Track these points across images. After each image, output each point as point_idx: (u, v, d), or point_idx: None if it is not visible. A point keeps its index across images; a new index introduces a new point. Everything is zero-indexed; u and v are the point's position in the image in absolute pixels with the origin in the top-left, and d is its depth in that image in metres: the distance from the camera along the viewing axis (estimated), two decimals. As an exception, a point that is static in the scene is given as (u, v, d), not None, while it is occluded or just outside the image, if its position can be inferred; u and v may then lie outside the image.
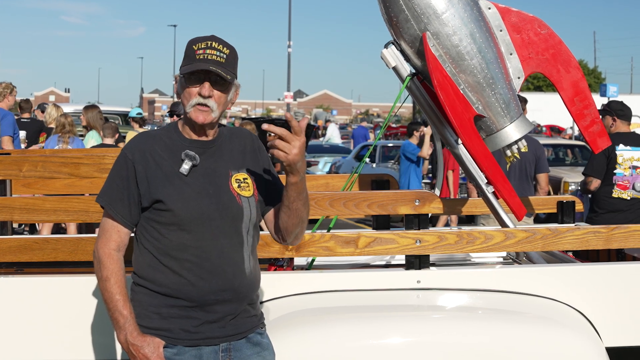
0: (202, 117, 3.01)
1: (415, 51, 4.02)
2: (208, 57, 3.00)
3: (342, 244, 3.66)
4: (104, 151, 4.59)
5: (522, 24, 4.20)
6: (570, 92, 4.23)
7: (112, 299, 2.93)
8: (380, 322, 3.52)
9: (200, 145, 3.07)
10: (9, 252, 3.69)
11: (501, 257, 4.80)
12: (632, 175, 7.15)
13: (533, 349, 3.42)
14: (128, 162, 3.01)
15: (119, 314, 2.92)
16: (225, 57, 3.04)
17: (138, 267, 3.04)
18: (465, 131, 3.90)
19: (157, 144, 3.06)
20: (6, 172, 4.02)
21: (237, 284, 3.01)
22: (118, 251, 3.01)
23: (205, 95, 2.99)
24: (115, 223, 3.01)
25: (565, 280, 3.71)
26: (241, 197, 3.06)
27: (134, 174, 3.00)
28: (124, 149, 3.07)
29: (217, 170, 3.07)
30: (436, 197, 3.87)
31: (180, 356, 2.95)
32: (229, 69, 3.04)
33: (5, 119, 9.97)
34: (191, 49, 3.04)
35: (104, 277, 2.96)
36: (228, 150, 3.14)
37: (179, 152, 3.04)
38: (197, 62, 3.00)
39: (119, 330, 2.93)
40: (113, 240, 3.01)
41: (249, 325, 3.08)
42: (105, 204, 3.02)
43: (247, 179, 3.11)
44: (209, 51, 3.02)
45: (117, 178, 3.03)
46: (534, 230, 3.75)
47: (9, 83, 10.63)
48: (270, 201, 3.18)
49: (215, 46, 3.04)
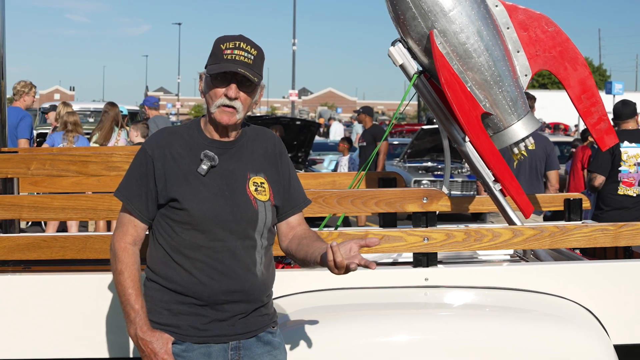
0: (226, 118, 2.99)
1: (423, 49, 4.02)
2: (236, 57, 2.97)
3: (350, 241, 3.65)
4: (112, 149, 4.59)
5: (529, 21, 4.21)
6: (577, 89, 4.23)
7: (125, 293, 2.94)
8: (388, 319, 3.52)
9: (220, 146, 3.06)
10: (17, 250, 3.70)
11: (508, 255, 4.80)
12: (637, 172, 7.15)
13: (541, 347, 3.42)
14: (147, 158, 3.02)
15: (130, 308, 2.93)
16: (252, 59, 3.01)
17: (151, 263, 3.04)
18: (473, 129, 3.90)
19: (177, 141, 3.05)
20: (14, 170, 4.02)
21: (248, 286, 3.00)
22: (134, 245, 3.02)
23: (232, 97, 2.97)
24: (132, 217, 3.02)
25: (573, 278, 3.70)
26: (257, 201, 3.04)
27: (152, 171, 3.00)
28: (144, 145, 3.08)
29: (235, 172, 3.05)
30: (444, 194, 3.87)
31: (188, 353, 2.95)
32: (256, 70, 3.01)
33: (23, 121, 9.62)
34: (219, 48, 3.01)
35: (118, 270, 2.97)
36: (249, 151, 3.12)
37: (198, 151, 3.03)
38: (224, 63, 2.97)
39: (129, 324, 2.94)
40: (129, 234, 3.02)
41: (260, 324, 3.07)
42: (123, 198, 3.03)
43: (264, 184, 3.09)
44: (237, 52, 2.99)
45: (136, 173, 3.03)
46: (541, 228, 3.75)
47: (29, 82, 10.24)
48: (285, 210, 3.18)
49: (243, 47, 3.01)
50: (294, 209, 3.19)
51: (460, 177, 15.18)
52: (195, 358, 2.96)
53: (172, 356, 2.93)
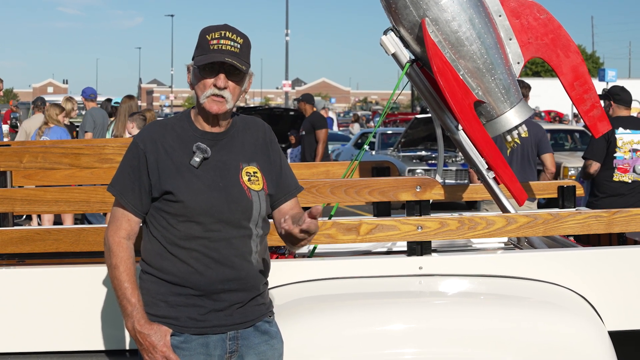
0: (216, 107, 2.99)
1: (415, 37, 4.02)
2: (222, 47, 2.97)
3: (344, 231, 3.65)
4: (104, 141, 4.59)
5: (521, 9, 4.20)
6: (570, 76, 4.23)
7: (121, 287, 2.94)
8: (383, 308, 3.52)
9: (212, 137, 3.06)
10: (11, 244, 3.69)
11: (502, 243, 4.80)
12: (632, 158, 7.16)
13: (535, 334, 3.42)
14: (139, 152, 3.01)
15: (127, 302, 2.93)
16: (239, 47, 3.00)
17: (146, 255, 3.04)
18: (466, 117, 3.89)
19: (168, 133, 3.05)
20: (7, 164, 4.01)
21: (244, 274, 3.01)
22: (128, 239, 3.01)
23: (221, 87, 2.97)
24: (126, 212, 3.02)
25: (567, 264, 3.71)
26: (251, 191, 3.04)
27: (145, 164, 2.99)
28: (136, 138, 3.07)
29: (228, 163, 3.05)
30: (437, 183, 3.86)
31: (187, 344, 2.96)
32: (243, 58, 3.01)
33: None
34: (204, 39, 3.01)
35: (113, 265, 2.96)
36: (240, 142, 3.12)
37: (190, 143, 3.02)
38: (212, 53, 2.96)
39: (126, 318, 2.93)
40: (123, 229, 3.01)
41: (257, 314, 3.08)
42: (116, 193, 3.02)
43: (257, 173, 3.09)
44: (223, 41, 2.98)
45: (129, 167, 3.02)
46: (535, 215, 3.75)
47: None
48: (278, 197, 3.18)
49: (229, 36, 3.00)
50: (286, 195, 3.19)
51: (454, 165, 15.21)
52: (193, 349, 2.97)
53: (171, 348, 2.93)
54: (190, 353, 2.96)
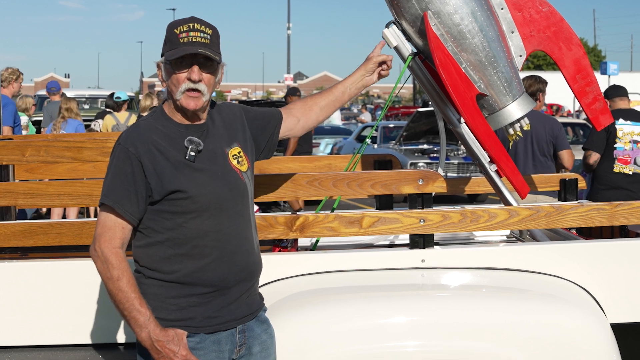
0: (193, 104, 2.96)
1: (417, 30, 4.01)
2: (193, 39, 2.93)
3: (346, 224, 3.66)
4: (106, 135, 4.59)
5: (523, 1, 4.19)
6: (572, 69, 4.22)
7: (128, 298, 2.82)
8: (386, 301, 3.53)
9: (197, 129, 3.04)
10: (13, 237, 3.69)
11: (505, 236, 4.80)
12: (632, 150, 7.16)
13: (538, 327, 3.43)
14: (132, 157, 2.91)
15: (137, 312, 2.83)
16: (209, 38, 2.97)
17: (148, 261, 2.96)
18: (468, 110, 3.89)
19: (155, 134, 2.98)
20: (9, 157, 4.01)
21: (251, 261, 3.05)
22: (122, 248, 2.91)
23: (195, 79, 2.93)
24: (121, 220, 2.90)
25: (569, 257, 3.71)
26: (242, 173, 3.06)
27: (141, 168, 2.90)
28: (123, 144, 2.96)
29: (216, 151, 3.04)
30: (440, 176, 3.87)
31: (202, 344, 2.94)
32: (215, 49, 2.98)
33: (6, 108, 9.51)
34: (173, 33, 2.96)
35: (115, 277, 2.84)
36: (220, 127, 3.11)
37: (178, 139, 2.98)
38: (183, 46, 2.92)
39: (139, 329, 2.83)
40: (117, 238, 2.90)
41: (257, 305, 3.12)
42: (112, 203, 2.90)
43: (240, 152, 3.09)
44: (192, 33, 2.94)
45: (121, 174, 2.92)
46: (537, 208, 3.75)
47: (16, 69, 10.25)
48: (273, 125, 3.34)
49: (198, 27, 2.97)
50: (276, 117, 3.36)
51: (457, 159, 15.20)
52: (207, 348, 2.96)
53: (190, 352, 2.88)
54: (204, 352, 2.95)
